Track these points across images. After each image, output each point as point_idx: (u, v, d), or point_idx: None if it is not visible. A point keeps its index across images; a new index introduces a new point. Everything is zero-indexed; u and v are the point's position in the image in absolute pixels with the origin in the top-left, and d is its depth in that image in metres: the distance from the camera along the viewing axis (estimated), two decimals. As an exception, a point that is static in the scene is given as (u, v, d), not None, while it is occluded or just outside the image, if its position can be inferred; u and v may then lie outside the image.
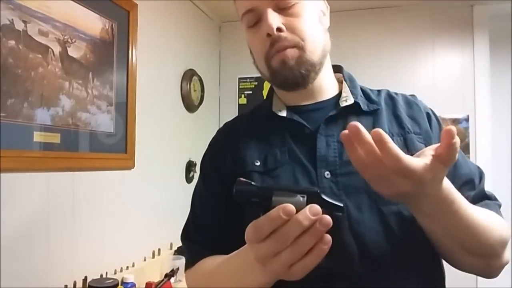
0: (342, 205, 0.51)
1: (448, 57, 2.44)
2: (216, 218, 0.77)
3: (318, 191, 0.51)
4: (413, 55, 2.47)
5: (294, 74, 0.70)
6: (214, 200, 0.78)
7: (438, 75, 2.44)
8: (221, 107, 2.79)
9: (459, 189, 0.69)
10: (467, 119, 2.36)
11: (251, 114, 0.85)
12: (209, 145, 0.85)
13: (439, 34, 2.44)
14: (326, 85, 0.77)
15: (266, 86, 2.64)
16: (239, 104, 2.73)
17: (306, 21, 0.71)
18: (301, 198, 0.50)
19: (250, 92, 2.71)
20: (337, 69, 0.83)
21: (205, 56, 2.58)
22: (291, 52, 0.69)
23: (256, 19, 0.72)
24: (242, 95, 2.73)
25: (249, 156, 0.74)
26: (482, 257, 0.66)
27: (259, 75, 0.78)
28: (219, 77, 2.79)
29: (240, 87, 2.73)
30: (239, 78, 2.73)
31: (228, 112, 2.75)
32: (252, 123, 0.81)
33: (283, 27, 0.69)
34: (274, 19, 0.68)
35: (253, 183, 0.52)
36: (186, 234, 0.82)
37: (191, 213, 0.82)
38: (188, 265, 0.79)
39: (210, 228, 0.78)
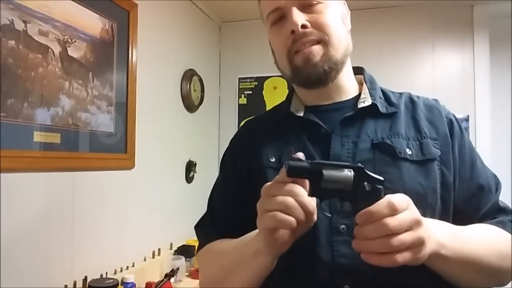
0: (382, 179, 0.56)
1: (448, 57, 2.43)
2: (230, 210, 0.81)
3: (362, 166, 0.57)
4: (413, 55, 2.47)
5: (317, 71, 0.71)
6: (229, 192, 0.82)
7: (438, 75, 2.43)
8: (221, 107, 2.79)
9: (472, 196, 0.72)
10: (467, 119, 2.35)
11: (271, 113, 0.88)
12: (230, 141, 0.89)
13: (439, 34, 2.44)
14: (346, 86, 0.78)
15: (266, 86, 2.63)
16: (239, 104, 2.73)
17: (330, 18, 0.72)
18: (349, 173, 0.56)
19: (250, 92, 2.70)
20: (358, 71, 0.84)
21: (205, 56, 2.57)
22: (316, 49, 0.71)
23: (280, 17, 0.73)
24: (242, 95, 2.72)
25: (265, 152, 0.77)
26: (494, 278, 0.68)
27: (259, 75, 0.79)
28: (219, 77, 2.79)
29: (240, 87, 2.73)
30: (239, 78, 2.72)
31: (228, 112, 2.75)
32: (271, 122, 0.83)
33: (308, 24, 0.70)
34: (299, 17, 0.70)
35: (304, 159, 0.58)
36: (201, 222, 0.86)
37: (208, 203, 0.87)
38: (200, 247, 0.83)
39: (224, 218, 0.81)
